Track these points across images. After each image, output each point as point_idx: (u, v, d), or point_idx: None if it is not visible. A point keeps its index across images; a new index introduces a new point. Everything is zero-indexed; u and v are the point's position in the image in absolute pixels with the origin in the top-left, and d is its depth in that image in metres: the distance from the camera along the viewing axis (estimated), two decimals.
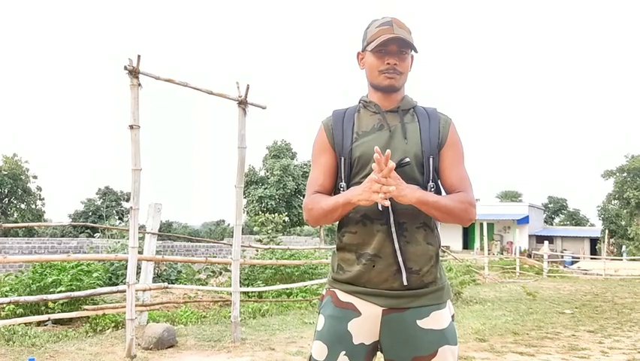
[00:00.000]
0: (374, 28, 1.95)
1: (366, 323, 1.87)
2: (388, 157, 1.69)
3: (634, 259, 29.86)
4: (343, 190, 1.92)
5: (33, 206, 40.76)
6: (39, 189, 41.15)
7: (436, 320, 1.87)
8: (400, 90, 1.99)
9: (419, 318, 1.86)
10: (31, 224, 26.26)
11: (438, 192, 1.94)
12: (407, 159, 1.85)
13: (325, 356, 1.88)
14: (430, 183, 1.90)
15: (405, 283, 1.84)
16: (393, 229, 1.84)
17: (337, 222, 1.98)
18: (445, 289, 1.95)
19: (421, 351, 1.84)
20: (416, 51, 1.96)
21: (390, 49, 1.92)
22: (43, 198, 41.71)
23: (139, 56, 5.00)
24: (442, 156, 1.95)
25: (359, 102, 2.05)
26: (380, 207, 1.82)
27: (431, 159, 1.91)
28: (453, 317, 1.96)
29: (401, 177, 1.81)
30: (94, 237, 21.05)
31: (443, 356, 1.85)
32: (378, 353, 1.93)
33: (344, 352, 1.86)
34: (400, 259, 1.83)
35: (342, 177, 1.94)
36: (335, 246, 2.00)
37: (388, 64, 1.92)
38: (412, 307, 1.86)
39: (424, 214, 1.85)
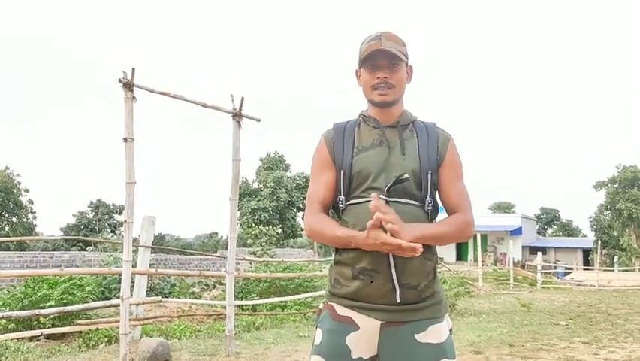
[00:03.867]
0: (365, 44, 1.96)
1: (365, 337, 1.86)
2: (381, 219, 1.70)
3: (626, 270, 29.98)
4: (342, 204, 1.94)
5: (24, 220, 40.49)
6: (30, 202, 40.92)
7: (434, 334, 1.87)
8: (396, 104, 1.99)
9: (417, 332, 1.85)
10: (22, 238, 26.05)
11: (435, 207, 1.94)
12: (406, 175, 1.85)
13: None
14: (428, 199, 1.91)
15: (398, 300, 1.83)
16: None
17: None
18: (443, 303, 1.95)
19: None
20: (407, 58, 1.97)
21: (380, 63, 1.93)
22: (34, 212, 41.48)
23: (133, 69, 5.00)
24: (441, 174, 1.95)
25: (359, 116, 2.05)
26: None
27: (429, 175, 1.92)
28: (451, 330, 1.95)
29: (399, 193, 1.84)
30: (86, 250, 20.90)
31: None
32: None
33: None
34: (394, 275, 1.82)
35: (342, 191, 1.94)
36: (332, 259, 2.00)
37: (378, 78, 1.93)
38: (410, 321, 1.85)
39: None
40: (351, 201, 1.92)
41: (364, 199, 1.87)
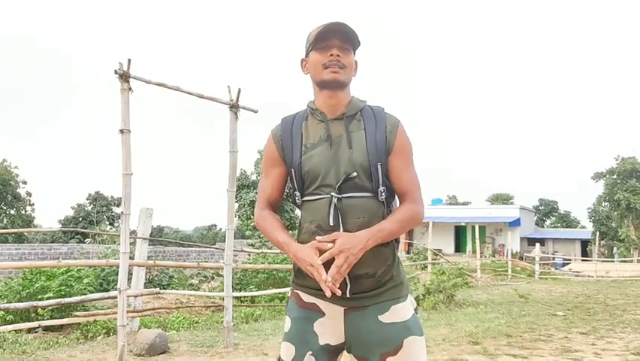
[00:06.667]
0: (315, 30, 1.95)
1: (331, 322, 1.89)
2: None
3: (625, 261, 30.05)
4: (299, 200, 1.97)
5: (23, 212, 40.42)
6: (29, 194, 40.85)
7: (397, 313, 1.89)
8: (344, 90, 1.97)
9: (380, 313, 1.87)
10: (20, 230, 25.95)
11: (390, 193, 1.94)
12: (354, 174, 1.86)
13: (292, 357, 1.91)
14: (381, 188, 1.90)
15: (348, 295, 1.84)
16: None
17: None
18: (404, 284, 1.96)
19: (387, 346, 1.85)
20: (359, 43, 1.96)
21: (333, 42, 1.92)
22: (32, 204, 41.40)
23: (129, 60, 4.96)
24: (391, 162, 1.94)
25: (307, 107, 2.04)
26: (331, 222, 1.83)
27: (379, 166, 1.90)
28: (416, 310, 1.98)
29: (351, 187, 1.86)
30: (84, 243, 20.89)
31: (409, 347, 1.85)
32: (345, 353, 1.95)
33: (310, 352, 1.89)
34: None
35: (296, 187, 1.97)
36: None
37: (331, 55, 1.91)
38: (372, 305, 1.88)
39: (373, 222, 1.85)
40: (305, 198, 1.94)
41: (318, 196, 1.89)
